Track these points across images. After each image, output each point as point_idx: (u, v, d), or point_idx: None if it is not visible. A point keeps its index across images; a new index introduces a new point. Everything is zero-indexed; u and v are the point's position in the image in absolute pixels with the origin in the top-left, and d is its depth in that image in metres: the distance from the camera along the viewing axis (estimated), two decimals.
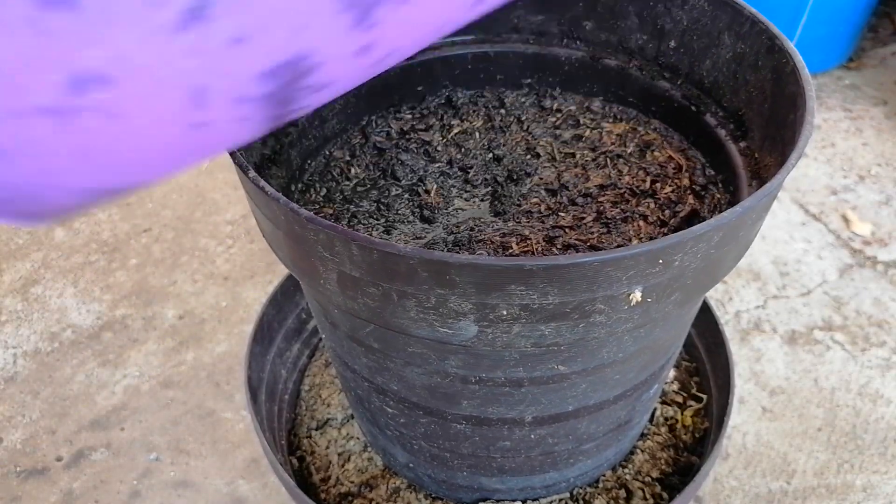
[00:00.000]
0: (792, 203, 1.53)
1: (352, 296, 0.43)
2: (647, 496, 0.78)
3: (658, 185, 0.59)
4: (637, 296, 0.40)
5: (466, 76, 0.73)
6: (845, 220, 1.49)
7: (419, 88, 0.72)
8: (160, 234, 1.51)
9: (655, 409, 0.86)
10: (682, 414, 0.86)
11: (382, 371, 0.58)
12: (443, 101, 0.72)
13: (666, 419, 0.86)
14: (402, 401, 0.61)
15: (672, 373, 0.89)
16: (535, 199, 0.59)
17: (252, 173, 0.41)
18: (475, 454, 0.65)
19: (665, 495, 0.78)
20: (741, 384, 1.17)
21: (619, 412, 0.64)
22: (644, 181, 0.60)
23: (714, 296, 1.32)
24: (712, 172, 0.60)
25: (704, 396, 0.87)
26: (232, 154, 0.43)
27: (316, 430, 0.88)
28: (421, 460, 0.70)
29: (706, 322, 0.88)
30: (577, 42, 0.71)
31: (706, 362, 0.89)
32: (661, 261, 0.38)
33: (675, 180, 0.59)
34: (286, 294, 0.93)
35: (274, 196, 0.39)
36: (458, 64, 0.72)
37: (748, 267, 1.38)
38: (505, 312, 0.40)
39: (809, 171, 1.62)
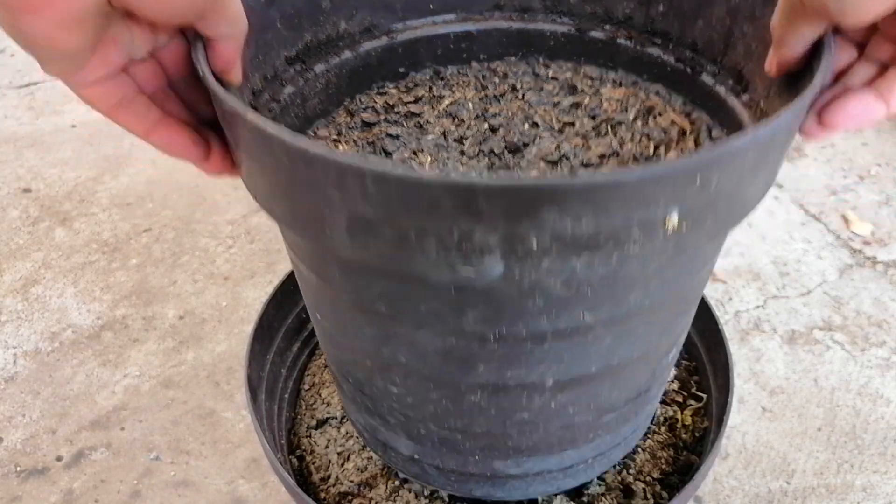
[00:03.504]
0: (792, 203, 1.54)
1: (363, 243, 0.39)
2: (648, 495, 0.78)
3: (662, 150, 0.57)
4: (674, 219, 0.37)
5: (450, 55, 0.70)
6: (845, 220, 1.49)
7: (401, 70, 0.69)
8: (160, 234, 1.51)
9: (656, 410, 0.86)
10: (681, 413, 0.86)
11: (390, 341, 0.53)
12: (430, 76, 0.70)
13: (666, 418, 0.86)
14: (411, 375, 0.56)
15: (672, 372, 0.89)
16: (534, 173, 0.57)
17: (251, 113, 0.37)
18: (490, 432, 0.60)
19: (665, 494, 0.78)
20: (741, 384, 1.17)
21: (640, 376, 0.60)
22: (647, 147, 0.58)
23: (714, 296, 1.32)
24: (718, 132, 0.58)
25: (704, 396, 0.87)
26: (225, 97, 0.39)
27: (315, 428, 0.88)
28: (428, 448, 0.65)
29: (706, 322, 0.88)
30: (563, 16, 0.69)
31: (706, 362, 0.89)
32: (699, 179, 0.35)
33: (680, 144, 0.58)
34: (286, 293, 0.93)
35: (277, 135, 0.36)
36: (441, 43, 0.69)
37: (748, 267, 1.38)
38: (535, 244, 0.37)
39: (809, 171, 1.62)
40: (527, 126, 0.63)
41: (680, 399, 0.88)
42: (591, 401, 0.58)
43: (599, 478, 0.80)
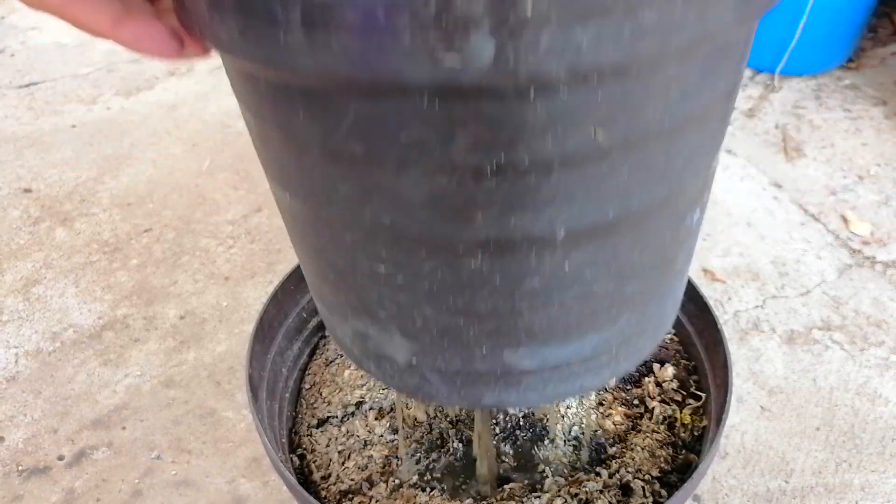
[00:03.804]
0: (791, 203, 1.54)
1: (323, 40, 0.35)
2: (647, 494, 0.78)
3: None
4: None
5: None
6: (844, 220, 1.49)
7: None
8: (161, 234, 1.51)
9: (655, 408, 0.86)
10: (680, 412, 0.87)
11: (370, 197, 0.47)
12: None
13: (665, 417, 0.86)
14: (399, 241, 0.49)
15: (671, 371, 0.90)
16: None
17: None
18: (496, 310, 0.52)
19: (664, 493, 0.79)
20: (740, 383, 1.17)
21: (664, 234, 0.54)
22: None
23: (713, 296, 1.32)
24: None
25: (703, 395, 0.87)
26: None
27: (316, 427, 0.89)
28: (427, 345, 0.57)
29: (705, 321, 0.89)
30: None
31: (705, 361, 0.89)
32: None
33: None
34: (287, 293, 0.93)
35: None
36: None
37: (747, 267, 1.39)
38: (529, 7, 0.32)
39: (809, 170, 1.62)
40: None
41: (679, 398, 0.89)
42: (611, 262, 0.51)
43: (596, 473, 0.80)
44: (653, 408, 0.87)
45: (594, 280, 0.51)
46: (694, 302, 0.91)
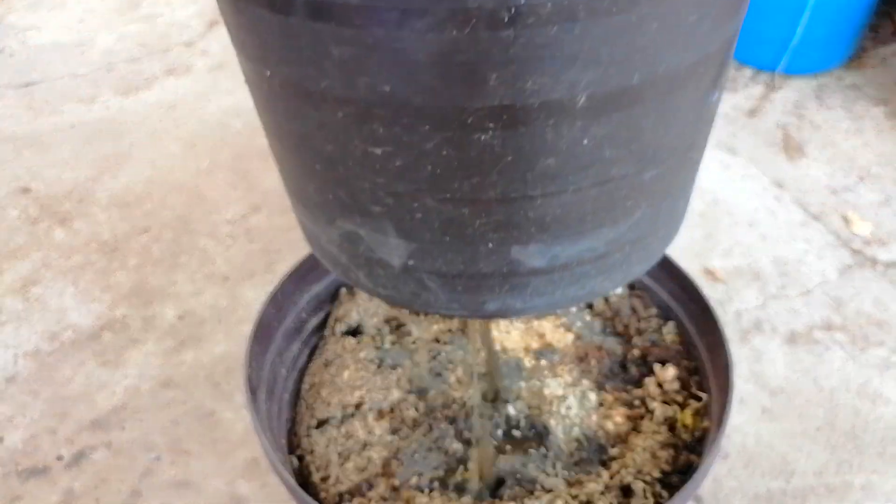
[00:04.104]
0: (792, 203, 1.53)
1: None
2: (648, 495, 0.78)
3: None
4: None
5: None
6: (845, 220, 1.49)
7: None
8: (160, 234, 1.51)
9: (656, 409, 0.86)
10: (682, 413, 0.86)
11: (368, 58, 0.41)
12: None
13: (666, 418, 0.86)
14: (398, 114, 0.43)
15: (672, 371, 0.90)
16: None
17: None
18: (506, 196, 0.47)
19: (665, 494, 0.78)
20: (741, 384, 1.17)
21: (687, 114, 0.50)
22: None
23: (714, 296, 1.32)
24: None
25: (704, 396, 0.87)
26: None
27: (316, 428, 0.88)
28: (426, 243, 0.52)
29: (706, 322, 0.88)
30: None
31: (706, 362, 0.89)
32: None
33: None
34: (285, 294, 0.93)
35: None
36: None
37: (748, 267, 1.38)
38: None
39: (810, 170, 1.62)
40: None
41: (680, 399, 0.88)
42: (632, 140, 0.47)
43: (597, 474, 0.80)
44: (654, 408, 0.87)
45: (613, 162, 0.48)
46: (695, 302, 0.91)
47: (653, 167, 0.51)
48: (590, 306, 1.00)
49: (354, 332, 1.00)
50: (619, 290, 0.97)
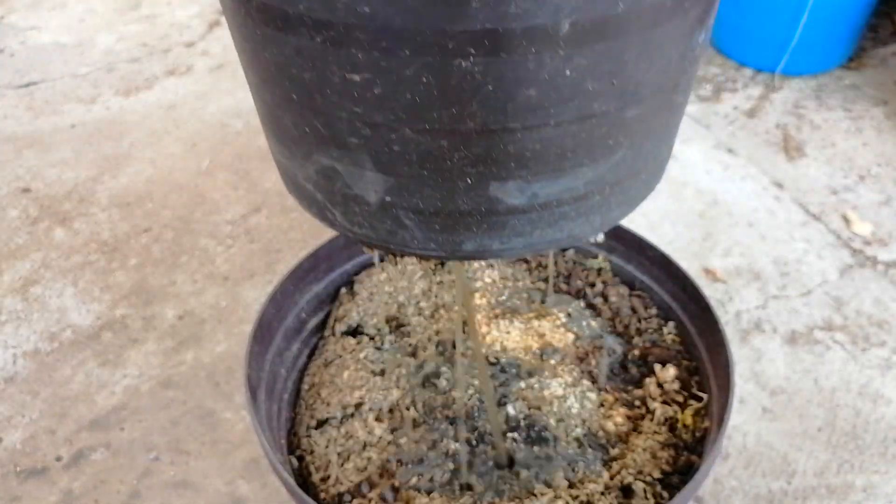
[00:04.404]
0: (792, 203, 1.53)
1: None
2: (648, 495, 0.78)
3: None
4: None
5: None
6: (845, 219, 1.49)
7: None
8: (160, 234, 1.51)
9: (656, 409, 0.86)
10: (682, 413, 0.86)
11: None
12: None
13: (666, 418, 0.86)
14: (378, 39, 0.43)
15: (672, 371, 0.89)
16: None
17: None
18: (486, 128, 0.47)
19: (665, 494, 0.78)
20: (742, 384, 1.17)
21: (671, 51, 0.49)
22: None
23: (714, 296, 1.32)
24: None
25: (705, 396, 0.87)
26: None
27: (315, 429, 0.88)
28: (404, 179, 0.51)
29: (706, 322, 0.88)
30: None
31: (706, 362, 0.89)
32: None
33: None
34: (286, 294, 0.93)
35: None
36: None
37: (748, 267, 1.38)
38: None
39: (810, 170, 1.62)
40: None
41: (680, 399, 0.88)
42: (615, 73, 0.47)
43: (597, 474, 0.80)
44: (654, 409, 0.87)
45: (595, 96, 0.48)
46: (695, 302, 0.91)
47: (635, 105, 0.50)
48: (590, 306, 1.00)
49: (354, 332, 0.99)
50: (601, 237, 0.93)
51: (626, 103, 0.50)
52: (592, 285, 1.02)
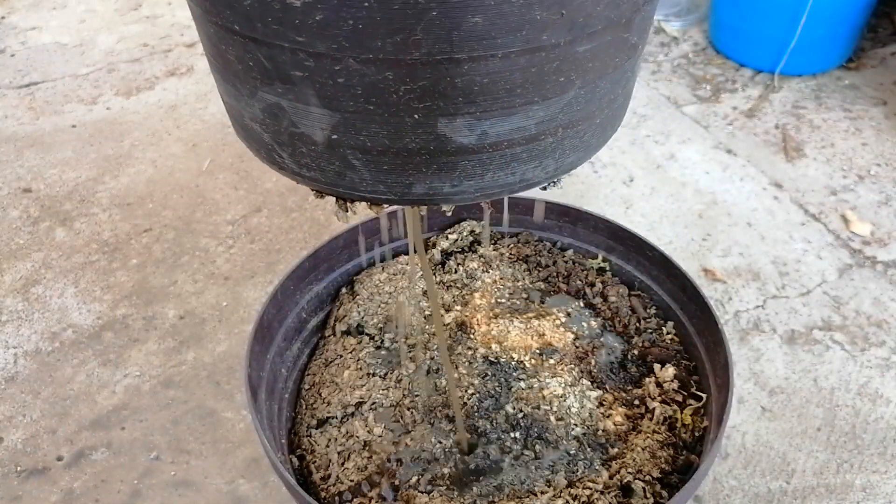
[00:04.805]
0: (791, 203, 1.54)
1: None
2: (647, 495, 0.78)
3: None
4: None
5: None
6: (845, 220, 1.49)
7: None
8: (161, 234, 1.51)
9: (655, 409, 0.86)
10: (681, 413, 0.87)
11: None
12: None
13: (666, 418, 0.86)
14: None
15: (671, 371, 0.90)
16: None
17: None
18: (431, 58, 0.46)
19: (665, 494, 0.79)
20: (741, 384, 1.17)
21: None
22: None
23: (714, 296, 1.32)
24: None
25: (704, 395, 0.87)
26: None
27: (316, 428, 0.89)
28: (350, 114, 0.50)
29: (706, 321, 0.89)
30: None
31: (706, 361, 0.89)
32: None
33: None
34: (286, 293, 0.93)
35: None
36: None
37: (748, 267, 1.38)
38: None
39: (809, 171, 1.62)
40: None
41: (679, 399, 0.88)
42: (563, 1, 0.47)
43: (597, 474, 0.80)
44: (653, 408, 0.87)
45: (544, 26, 0.47)
46: (694, 302, 0.91)
47: (586, 40, 0.50)
48: (590, 306, 1.01)
49: (355, 331, 1.00)
50: (557, 186, 0.92)
51: (576, 36, 0.49)
52: (592, 285, 1.02)
